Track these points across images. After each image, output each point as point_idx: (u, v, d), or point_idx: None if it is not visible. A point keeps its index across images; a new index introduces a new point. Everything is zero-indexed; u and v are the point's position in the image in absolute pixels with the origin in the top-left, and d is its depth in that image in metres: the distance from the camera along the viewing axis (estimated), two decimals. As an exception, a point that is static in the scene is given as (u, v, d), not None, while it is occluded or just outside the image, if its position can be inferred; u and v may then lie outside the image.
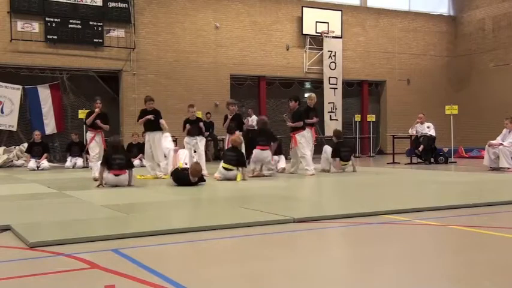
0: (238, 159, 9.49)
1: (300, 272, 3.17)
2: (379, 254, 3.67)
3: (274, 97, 20.07)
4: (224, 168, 9.42)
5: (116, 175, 8.20)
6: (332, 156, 11.10)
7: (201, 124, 10.82)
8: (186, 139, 10.62)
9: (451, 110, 15.34)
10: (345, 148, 11.26)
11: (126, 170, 8.32)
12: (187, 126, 10.62)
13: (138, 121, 10.45)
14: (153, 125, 10.10)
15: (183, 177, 8.31)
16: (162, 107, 12.05)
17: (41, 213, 5.59)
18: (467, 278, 3.02)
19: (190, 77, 18.24)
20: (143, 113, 10.27)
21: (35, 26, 16.37)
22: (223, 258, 3.64)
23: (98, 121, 10.16)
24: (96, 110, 10.18)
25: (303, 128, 10.55)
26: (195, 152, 10.63)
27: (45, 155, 14.32)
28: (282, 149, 12.79)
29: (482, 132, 18.63)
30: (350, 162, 11.26)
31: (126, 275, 3.02)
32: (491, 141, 11.60)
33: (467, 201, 5.91)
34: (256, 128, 11.02)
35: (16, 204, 6.36)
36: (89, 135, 10.40)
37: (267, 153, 10.22)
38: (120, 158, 8.34)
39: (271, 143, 10.48)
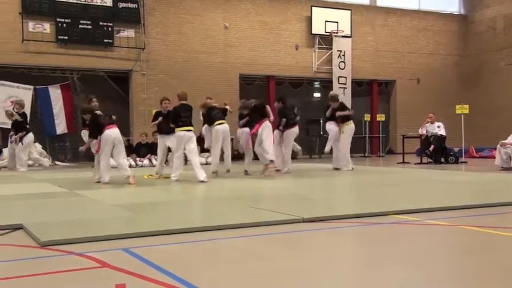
0: (222, 111, 10.38)
1: (309, 272, 3.17)
2: (388, 254, 3.66)
3: (284, 97, 20.03)
4: (217, 125, 9.96)
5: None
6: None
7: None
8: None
9: (462, 109, 15.24)
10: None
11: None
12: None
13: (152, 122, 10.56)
14: (168, 128, 10.04)
15: None
16: (171, 106, 12.03)
17: (52, 213, 5.64)
18: (476, 279, 3.00)
19: (200, 77, 18.27)
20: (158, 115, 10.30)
21: (46, 27, 16.48)
22: (232, 257, 3.65)
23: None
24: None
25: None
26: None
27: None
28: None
29: (494, 132, 18.50)
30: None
31: (137, 274, 3.04)
32: (503, 141, 11.52)
33: (478, 202, 5.89)
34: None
35: (28, 203, 6.41)
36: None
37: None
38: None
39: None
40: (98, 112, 9.36)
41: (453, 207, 5.59)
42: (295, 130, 10.97)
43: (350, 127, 11.59)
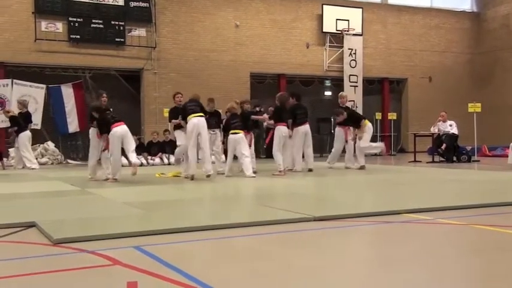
0: (243, 122, 10.06)
1: (319, 270, 3.17)
2: (398, 253, 3.65)
3: (295, 95, 19.98)
4: (232, 133, 9.78)
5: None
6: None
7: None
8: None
9: (474, 107, 15.10)
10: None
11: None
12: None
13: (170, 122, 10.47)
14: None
15: None
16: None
17: (64, 211, 5.69)
18: (486, 278, 2.99)
19: (211, 75, 18.32)
20: (174, 111, 10.22)
21: (59, 26, 16.61)
22: (243, 256, 3.67)
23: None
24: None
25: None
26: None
27: None
28: None
29: (507, 130, 18.33)
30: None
31: (148, 272, 3.06)
32: (516, 139, 11.43)
33: (490, 201, 5.84)
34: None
35: (41, 202, 6.47)
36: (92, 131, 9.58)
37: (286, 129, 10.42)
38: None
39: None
40: (108, 111, 9.45)
41: (465, 206, 5.55)
42: (302, 129, 10.87)
43: (368, 126, 11.49)
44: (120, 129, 8.95)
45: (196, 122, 9.20)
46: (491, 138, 19.44)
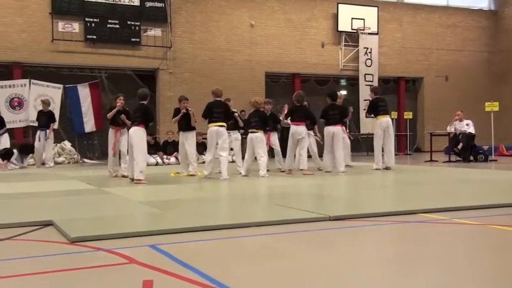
0: (262, 120, 9.88)
1: (334, 270, 3.17)
2: (415, 253, 3.62)
3: (309, 94, 19.84)
4: (250, 132, 9.79)
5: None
6: (368, 111, 11.53)
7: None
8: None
9: (492, 106, 14.91)
10: (383, 103, 11.22)
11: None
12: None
13: (172, 119, 10.50)
14: (187, 125, 10.14)
15: None
16: (198, 104, 12.03)
17: (81, 209, 5.74)
18: (505, 279, 2.95)
19: (226, 75, 18.35)
20: (177, 112, 10.32)
21: (75, 26, 16.78)
22: (257, 255, 3.67)
23: (123, 116, 9.66)
24: (118, 104, 9.81)
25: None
26: (231, 149, 10.77)
27: None
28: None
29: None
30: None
31: (164, 271, 3.08)
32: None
33: (508, 201, 5.76)
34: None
35: (58, 200, 6.54)
36: (111, 132, 10.01)
37: (302, 129, 10.06)
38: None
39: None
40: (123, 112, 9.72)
41: (481, 206, 5.49)
42: (330, 129, 10.56)
43: (378, 121, 11.24)
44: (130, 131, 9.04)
45: (216, 131, 9.28)
46: (509, 138, 19.19)
